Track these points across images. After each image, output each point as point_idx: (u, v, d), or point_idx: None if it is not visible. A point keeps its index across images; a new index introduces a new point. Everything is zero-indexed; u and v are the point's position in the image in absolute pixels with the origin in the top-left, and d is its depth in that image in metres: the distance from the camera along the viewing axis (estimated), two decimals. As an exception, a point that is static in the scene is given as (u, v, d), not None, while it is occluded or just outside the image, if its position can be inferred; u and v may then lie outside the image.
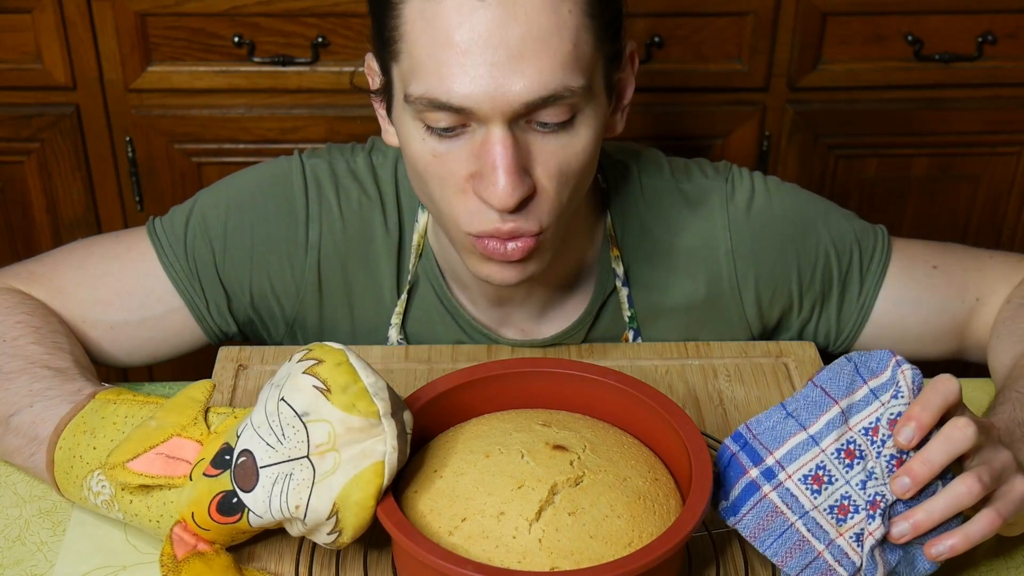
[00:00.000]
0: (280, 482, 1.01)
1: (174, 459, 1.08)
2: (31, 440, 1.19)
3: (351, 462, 1.00)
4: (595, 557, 1.00)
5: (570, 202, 1.22)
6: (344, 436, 1.00)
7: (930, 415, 1.02)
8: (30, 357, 1.25)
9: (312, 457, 1.00)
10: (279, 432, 1.02)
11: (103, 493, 1.11)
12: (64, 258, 1.41)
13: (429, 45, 1.13)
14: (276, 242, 1.38)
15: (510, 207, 1.15)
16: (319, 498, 1.00)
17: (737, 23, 2.00)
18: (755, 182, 1.40)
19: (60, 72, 1.99)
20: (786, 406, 1.06)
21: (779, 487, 1.04)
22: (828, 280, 1.40)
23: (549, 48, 1.12)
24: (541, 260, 1.24)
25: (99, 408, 1.16)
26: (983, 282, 1.42)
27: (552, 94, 1.13)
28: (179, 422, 1.10)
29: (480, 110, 1.13)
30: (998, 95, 2.08)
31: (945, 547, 1.02)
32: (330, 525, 1.02)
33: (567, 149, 1.18)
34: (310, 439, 1.00)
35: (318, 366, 1.02)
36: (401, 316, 1.40)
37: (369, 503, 1.01)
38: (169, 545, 1.07)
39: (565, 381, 1.16)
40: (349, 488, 1.00)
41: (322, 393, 1.01)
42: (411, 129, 1.19)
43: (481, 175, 1.16)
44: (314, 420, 1.00)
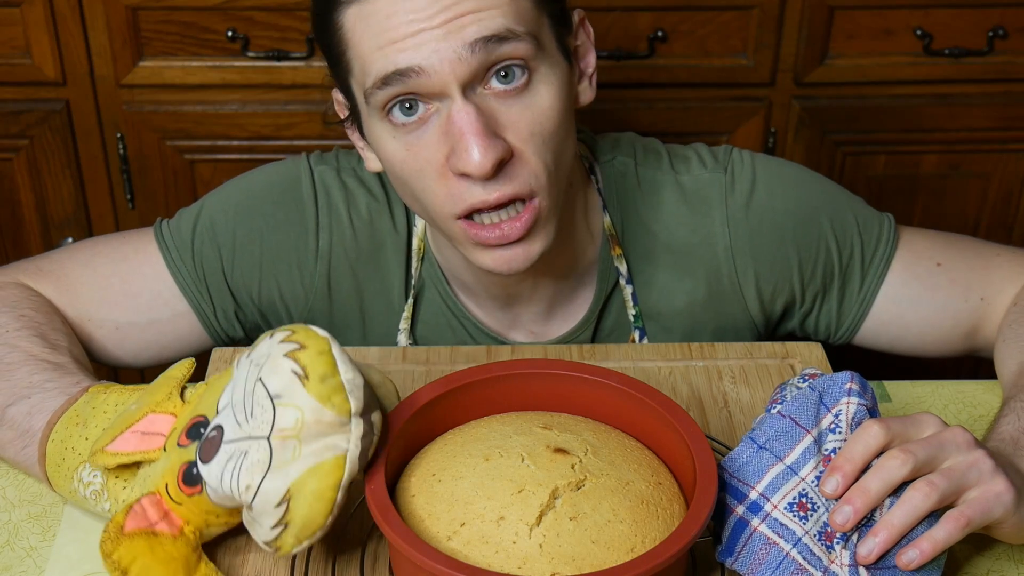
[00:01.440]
0: (235, 458, 1.00)
1: (148, 434, 1.08)
2: (24, 432, 1.19)
3: (312, 455, 0.99)
4: (597, 563, 1.00)
5: (557, 168, 1.23)
6: (312, 427, 0.99)
7: (853, 466, 1.03)
8: (30, 350, 1.27)
9: (272, 440, 0.99)
10: (248, 410, 1.01)
11: (94, 483, 1.12)
12: (71, 256, 1.43)
13: (371, 37, 1.18)
14: (286, 250, 1.39)
15: (488, 170, 1.17)
16: (272, 482, 0.99)
17: (742, 17, 2.00)
18: (756, 171, 1.40)
19: (50, 67, 1.99)
20: (755, 439, 1.07)
21: (767, 518, 1.05)
22: (829, 273, 1.41)
23: (485, 3, 1.17)
24: (543, 237, 1.25)
25: (91, 399, 1.17)
26: (988, 282, 1.41)
27: (494, 34, 1.17)
28: (154, 399, 1.10)
29: (431, 69, 1.17)
30: (1009, 91, 2.09)
31: (915, 553, 1.02)
32: (277, 515, 0.99)
33: (531, 109, 1.21)
34: (275, 421, 0.99)
35: (300, 351, 1.01)
36: (409, 321, 1.41)
37: (327, 494, 0.99)
38: (123, 515, 1.06)
39: (566, 383, 1.16)
40: (306, 477, 0.99)
41: (299, 378, 0.99)
42: (381, 132, 1.22)
43: (454, 151, 1.19)
44: (285, 404, 0.99)
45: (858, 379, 1.08)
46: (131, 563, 1.03)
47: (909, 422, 1.05)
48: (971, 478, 1.03)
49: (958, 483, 1.03)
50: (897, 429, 1.04)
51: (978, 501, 1.03)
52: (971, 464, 1.04)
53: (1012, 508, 1.04)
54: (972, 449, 1.04)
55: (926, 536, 1.02)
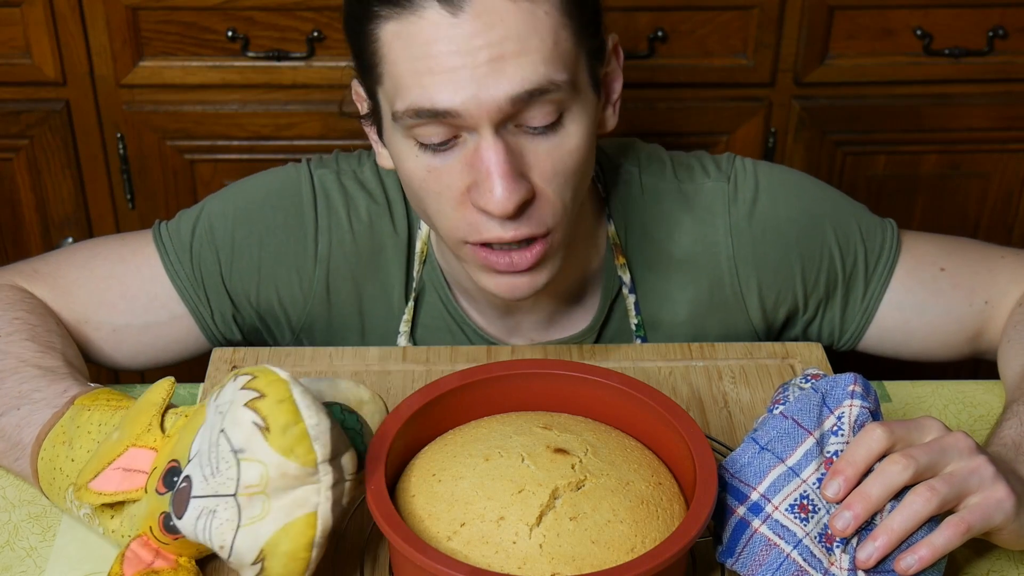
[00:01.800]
0: (204, 516, 0.98)
1: (130, 471, 1.06)
2: (15, 445, 1.19)
3: (282, 511, 0.96)
4: (597, 563, 1.00)
5: (573, 203, 1.23)
6: (277, 481, 0.96)
7: (855, 470, 1.03)
8: (21, 355, 1.26)
9: (240, 497, 0.97)
10: (214, 464, 0.98)
11: (84, 507, 1.11)
12: (68, 258, 1.42)
13: (409, 61, 1.16)
14: (284, 254, 1.39)
15: (509, 212, 1.16)
16: (244, 542, 0.97)
17: (742, 17, 2.00)
18: (759, 180, 1.39)
19: (50, 67, 1.99)
20: (757, 440, 1.07)
21: (768, 519, 1.04)
22: (832, 281, 1.40)
23: (529, 47, 1.15)
24: (551, 268, 1.25)
25: (75, 416, 1.16)
26: (992, 284, 1.41)
27: (536, 87, 1.15)
28: (134, 432, 1.08)
29: (467, 113, 1.14)
30: (1009, 90, 2.09)
31: (914, 559, 1.03)
32: (254, 570, 0.99)
33: (560, 149, 1.19)
34: (240, 478, 0.96)
35: (259, 400, 0.97)
36: (409, 324, 1.41)
37: (300, 554, 0.97)
38: (119, 565, 1.05)
39: (566, 383, 1.16)
40: (278, 537, 0.97)
41: (260, 431, 0.96)
42: (403, 147, 1.21)
43: (477, 185, 1.17)
44: (248, 459, 0.96)
45: (861, 381, 1.07)
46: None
47: (912, 426, 1.05)
48: (972, 484, 1.03)
49: (959, 489, 1.03)
50: (900, 433, 1.04)
51: (979, 507, 1.03)
52: (972, 470, 1.03)
53: (1012, 515, 1.04)
54: (974, 455, 1.04)
55: (925, 542, 1.02)
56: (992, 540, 1.09)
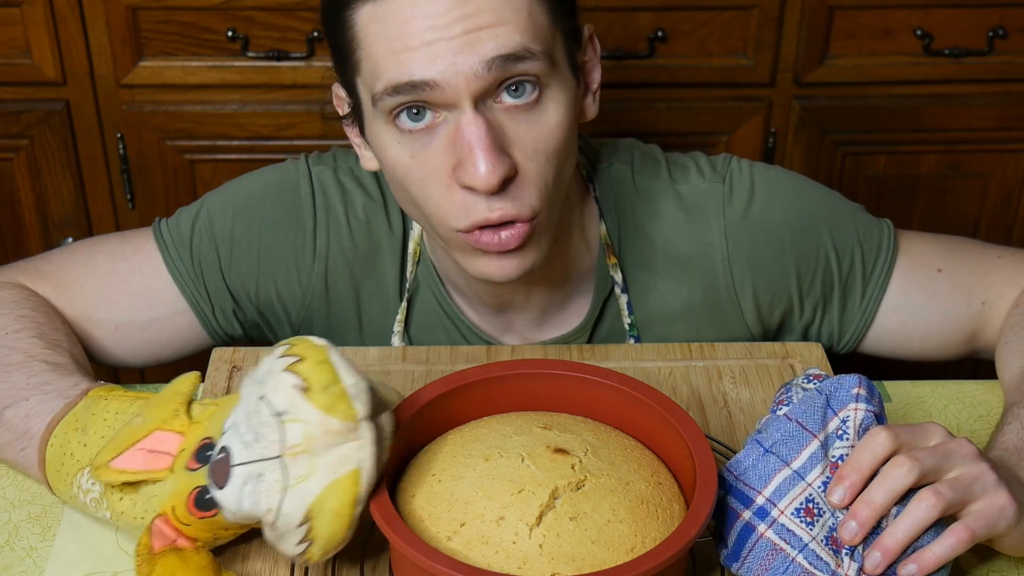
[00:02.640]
0: (251, 482, 1.00)
1: (155, 453, 1.07)
2: (22, 435, 1.19)
3: (327, 468, 0.98)
4: (597, 563, 1.00)
5: (556, 184, 1.23)
6: (321, 439, 0.98)
7: (859, 474, 1.03)
8: (29, 351, 1.26)
9: (285, 458, 0.99)
10: (254, 431, 1.00)
11: (92, 491, 1.11)
12: (70, 256, 1.43)
13: (385, 41, 1.17)
14: (283, 249, 1.39)
15: (493, 185, 1.16)
16: (292, 503, 0.99)
17: (742, 17, 2.00)
18: (755, 181, 1.39)
19: (50, 67, 1.99)
20: (761, 442, 1.07)
21: (774, 524, 1.04)
22: (829, 283, 1.40)
23: (503, 17, 1.16)
24: (538, 249, 1.24)
25: (90, 405, 1.16)
26: (989, 285, 1.41)
27: (511, 52, 1.16)
28: (160, 416, 1.09)
29: (445, 83, 1.15)
30: (1009, 91, 2.09)
31: (914, 568, 1.03)
32: (301, 532, 0.99)
33: (540, 127, 1.20)
34: (284, 439, 0.98)
35: (299, 364, 1.00)
36: (403, 323, 1.41)
37: (346, 511, 0.99)
38: (147, 536, 1.06)
39: (566, 383, 1.16)
40: (325, 496, 0.98)
41: (301, 392, 0.99)
42: (385, 136, 1.21)
43: (461, 163, 1.18)
44: (291, 420, 0.98)
45: (866, 383, 1.07)
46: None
47: (916, 431, 1.05)
48: (976, 490, 1.03)
49: (963, 494, 1.03)
50: (904, 437, 1.04)
51: (982, 515, 1.03)
52: (976, 476, 1.03)
53: (1014, 522, 1.04)
54: (977, 461, 1.04)
55: (928, 549, 1.02)
56: (993, 546, 1.09)
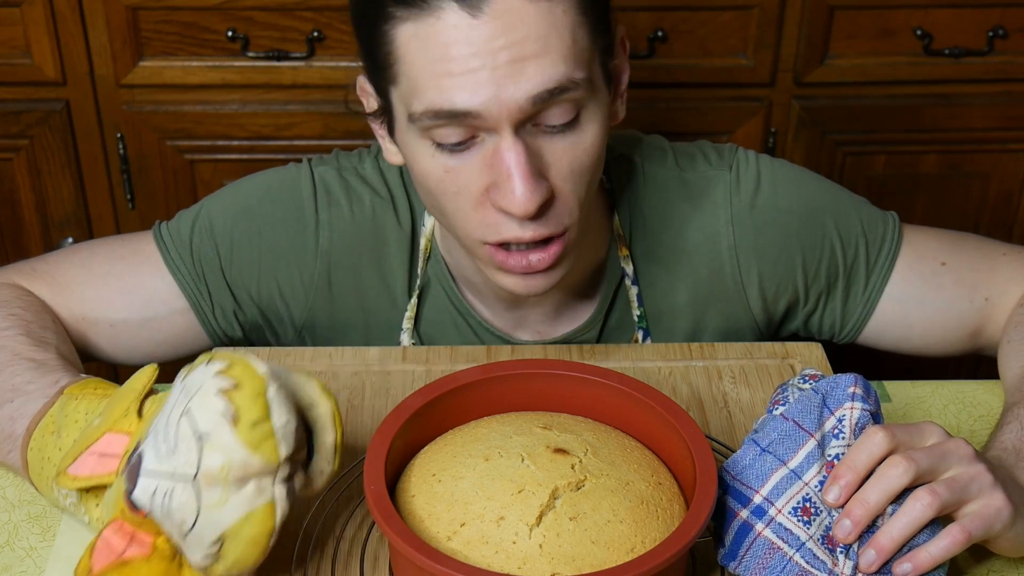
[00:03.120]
0: (160, 495, 0.98)
1: (105, 456, 1.06)
2: (8, 437, 1.19)
3: (242, 500, 0.97)
4: (597, 563, 1.00)
5: (587, 199, 1.23)
6: (239, 472, 0.96)
7: (855, 475, 1.03)
8: (15, 349, 1.26)
9: (199, 481, 0.96)
10: (171, 442, 0.98)
11: (71, 495, 1.11)
12: (67, 257, 1.43)
13: (427, 63, 1.15)
14: (284, 249, 1.39)
15: (531, 212, 1.16)
16: (205, 525, 0.97)
17: (742, 17, 2.00)
18: (761, 170, 1.39)
19: (50, 67, 1.99)
20: (758, 442, 1.07)
21: (771, 523, 1.04)
22: (833, 273, 1.41)
23: (549, 46, 1.14)
24: (566, 265, 1.25)
25: (63, 405, 1.16)
26: (993, 282, 1.41)
27: (557, 86, 1.14)
28: (112, 417, 1.08)
29: (487, 114, 1.14)
30: (1009, 91, 2.09)
31: (909, 567, 1.03)
32: (211, 550, 0.99)
33: (577, 147, 1.19)
34: (201, 463, 0.96)
35: (234, 391, 0.97)
36: (413, 320, 1.41)
37: (261, 540, 0.98)
38: (87, 556, 1.03)
39: (566, 383, 1.16)
40: (241, 524, 0.97)
41: (229, 421, 0.96)
42: (419, 148, 1.20)
43: (496, 185, 1.17)
44: (212, 446, 0.96)
45: (862, 382, 1.07)
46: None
47: (913, 430, 1.05)
48: (972, 491, 1.03)
49: (959, 495, 1.03)
50: (901, 437, 1.04)
51: (978, 516, 1.03)
52: (972, 477, 1.03)
53: (1009, 523, 1.04)
54: (973, 462, 1.04)
55: (924, 549, 1.02)
56: (989, 547, 1.08)
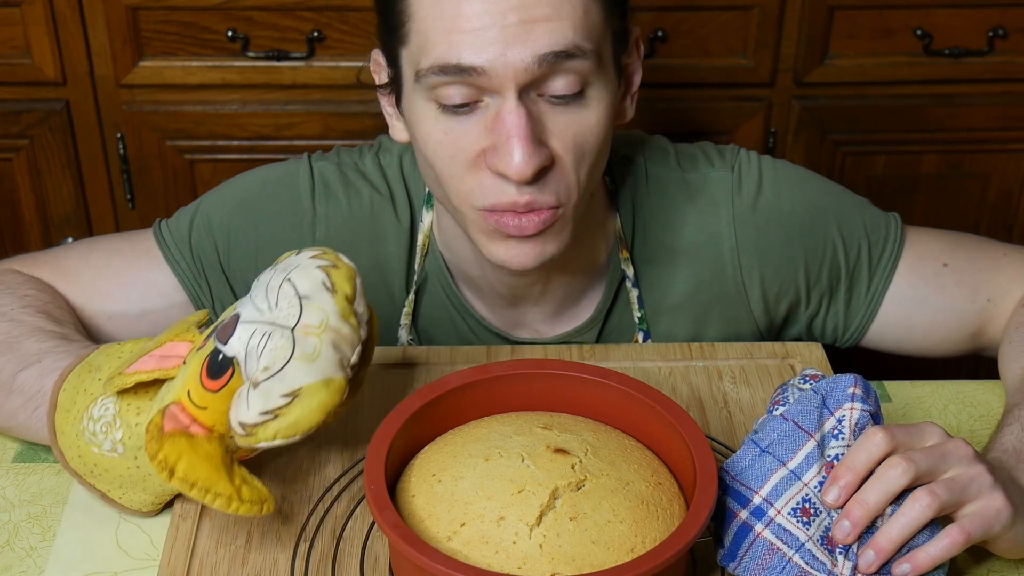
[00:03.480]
0: (259, 336, 1.03)
1: (167, 357, 1.09)
2: (35, 394, 1.20)
3: (328, 363, 1.03)
4: (597, 563, 1.00)
5: (588, 181, 1.23)
6: (333, 333, 1.03)
7: (855, 475, 1.03)
8: (36, 324, 1.28)
9: (296, 332, 1.02)
10: (273, 301, 1.04)
11: (105, 416, 1.12)
12: (67, 250, 1.44)
13: (438, 19, 1.16)
14: (281, 242, 1.39)
15: (527, 176, 1.17)
16: (293, 372, 1.02)
17: (742, 17, 2.00)
18: (763, 171, 1.39)
19: (50, 67, 2.00)
20: (758, 442, 1.07)
21: (771, 524, 1.04)
22: (836, 275, 1.40)
23: (559, 11, 1.16)
24: (557, 239, 1.24)
25: (104, 349, 1.18)
26: (995, 283, 1.41)
27: (563, 49, 1.16)
28: (172, 332, 1.12)
29: (493, 72, 1.15)
30: (1009, 91, 2.09)
31: (908, 567, 1.03)
32: (276, 404, 1.02)
33: (581, 121, 1.20)
34: (302, 316, 1.03)
35: (332, 268, 1.05)
36: (410, 316, 1.41)
37: (327, 408, 1.02)
38: (160, 416, 1.06)
39: (566, 383, 1.16)
40: (320, 385, 1.02)
41: (327, 290, 1.03)
42: (423, 110, 1.21)
43: (495, 148, 1.18)
44: (312, 304, 1.03)
45: (861, 383, 1.07)
46: (177, 460, 1.04)
47: (913, 431, 1.05)
48: (971, 492, 1.03)
49: (959, 495, 1.03)
50: (900, 438, 1.04)
51: (977, 516, 1.03)
52: (972, 478, 1.03)
53: (1009, 524, 1.04)
54: (973, 463, 1.04)
55: (923, 550, 1.02)
56: (988, 548, 1.09)
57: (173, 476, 1.03)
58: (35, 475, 1.23)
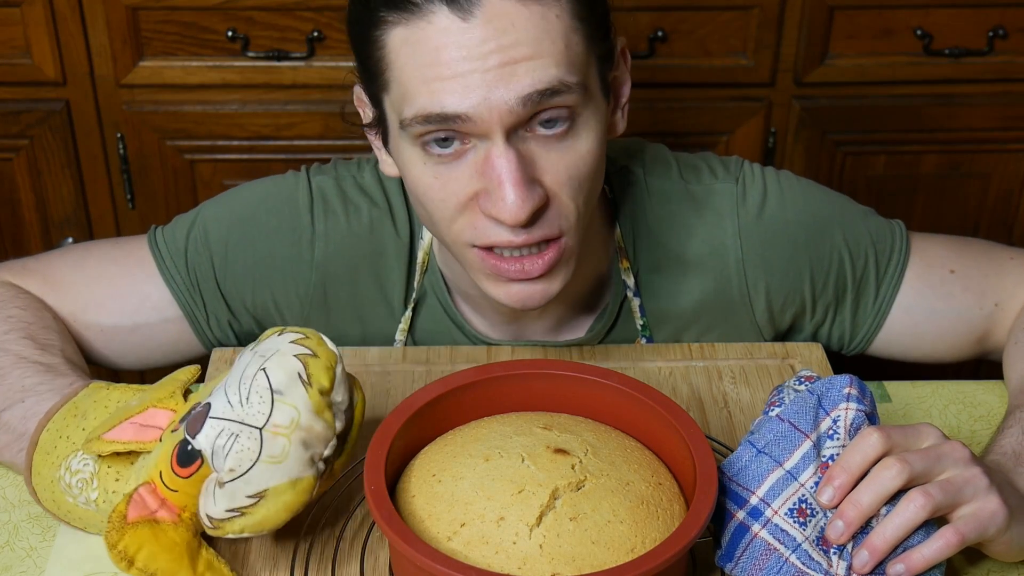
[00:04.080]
0: (225, 437, 1.02)
1: (146, 427, 1.09)
2: (20, 436, 1.19)
3: (297, 463, 1.01)
4: (597, 563, 1.00)
5: (586, 208, 1.22)
6: (303, 432, 1.01)
7: (849, 475, 1.03)
8: (21, 353, 1.26)
9: (265, 432, 1.01)
10: (244, 395, 1.02)
11: (83, 471, 1.12)
12: (60, 257, 1.42)
13: (417, 68, 1.14)
14: (279, 259, 1.38)
15: (522, 221, 1.15)
16: (257, 475, 1.01)
17: (742, 17, 2.00)
18: (767, 183, 1.38)
19: (50, 67, 2.00)
20: (754, 443, 1.07)
21: (768, 524, 1.05)
22: (842, 285, 1.40)
23: (540, 50, 1.13)
24: (564, 274, 1.23)
25: (92, 393, 1.17)
26: (1002, 287, 1.40)
27: (547, 87, 1.13)
28: (156, 396, 1.11)
29: (478, 118, 1.13)
30: (1009, 91, 2.09)
31: (902, 567, 1.03)
32: (242, 503, 1.02)
33: (572, 155, 1.18)
34: (272, 415, 1.01)
35: (311, 358, 1.03)
36: (406, 332, 1.41)
37: (294, 508, 1.02)
38: (124, 504, 1.06)
39: (566, 383, 1.16)
40: (287, 486, 1.01)
41: (303, 384, 1.01)
42: (411, 155, 1.19)
43: (487, 192, 1.16)
44: (284, 402, 1.01)
45: (857, 383, 1.07)
46: (137, 551, 1.04)
47: (909, 432, 1.05)
48: (967, 494, 1.03)
49: (954, 497, 1.03)
50: (896, 438, 1.04)
51: (973, 519, 1.03)
52: (967, 480, 1.03)
53: (1004, 527, 1.04)
54: (969, 464, 1.04)
55: (917, 550, 1.02)
56: (983, 550, 1.09)
57: (132, 566, 1.04)
58: (36, 475, 1.23)
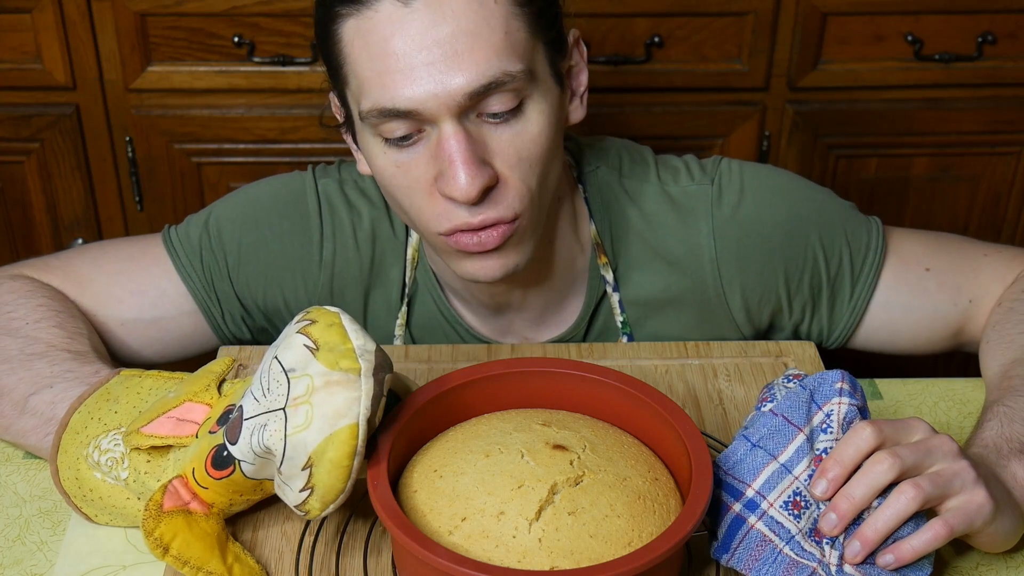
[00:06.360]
0: (256, 432, 1.03)
1: (183, 421, 1.11)
2: (48, 420, 1.21)
3: (324, 419, 1.01)
4: (595, 557, 1.01)
5: (540, 189, 1.24)
6: (322, 390, 1.01)
7: (842, 468, 1.04)
8: (51, 341, 1.28)
9: (287, 409, 1.02)
10: (265, 387, 1.04)
11: (113, 452, 1.13)
12: (78, 254, 1.44)
13: (368, 59, 1.18)
14: (290, 259, 1.40)
15: (472, 197, 1.18)
16: (293, 449, 1.01)
17: (737, 23, 2.00)
18: (744, 181, 1.39)
19: (60, 72, 1.99)
20: (749, 437, 1.07)
21: (763, 516, 1.05)
22: (816, 284, 1.40)
23: (481, 39, 1.16)
24: (520, 250, 1.25)
25: (124, 380, 1.19)
26: (976, 283, 1.41)
27: (492, 81, 1.17)
28: (192, 389, 1.13)
29: (426, 110, 1.16)
30: (997, 95, 2.08)
31: (892, 558, 1.04)
32: (304, 477, 1.02)
33: (522, 136, 1.20)
34: (290, 393, 1.02)
35: (311, 326, 1.04)
36: (404, 326, 1.42)
37: (344, 462, 1.01)
38: (160, 494, 1.08)
39: (565, 381, 1.16)
40: (324, 445, 1.01)
41: (311, 351, 1.02)
42: (372, 145, 1.23)
43: (442, 174, 1.19)
44: (298, 376, 1.02)
45: (848, 378, 1.08)
46: (172, 539, 1.06)
47: (900, 426, 1.06)
48: (955, 486, 1.04)
49: (943, 489, 1.04)
50: (888, 433, 1.04)
51: (960, 511, 1.04)
52: (956, 473, 1.04)
53: (990, 519, 1.06)
54: (957, 458, 1.05)
55: (906, 541, 1.03)
56: (969, 542, 1.10)
57: (167, 554, 1.06)
58: (45, 471, 1.24)
